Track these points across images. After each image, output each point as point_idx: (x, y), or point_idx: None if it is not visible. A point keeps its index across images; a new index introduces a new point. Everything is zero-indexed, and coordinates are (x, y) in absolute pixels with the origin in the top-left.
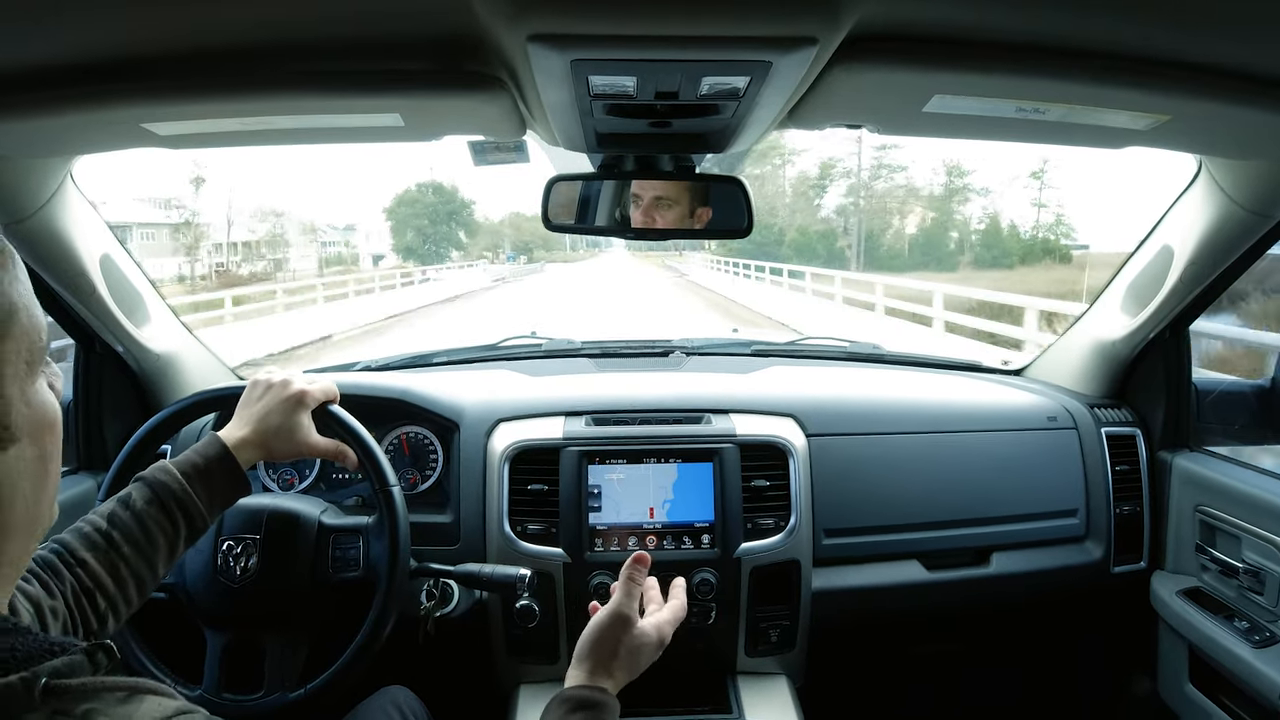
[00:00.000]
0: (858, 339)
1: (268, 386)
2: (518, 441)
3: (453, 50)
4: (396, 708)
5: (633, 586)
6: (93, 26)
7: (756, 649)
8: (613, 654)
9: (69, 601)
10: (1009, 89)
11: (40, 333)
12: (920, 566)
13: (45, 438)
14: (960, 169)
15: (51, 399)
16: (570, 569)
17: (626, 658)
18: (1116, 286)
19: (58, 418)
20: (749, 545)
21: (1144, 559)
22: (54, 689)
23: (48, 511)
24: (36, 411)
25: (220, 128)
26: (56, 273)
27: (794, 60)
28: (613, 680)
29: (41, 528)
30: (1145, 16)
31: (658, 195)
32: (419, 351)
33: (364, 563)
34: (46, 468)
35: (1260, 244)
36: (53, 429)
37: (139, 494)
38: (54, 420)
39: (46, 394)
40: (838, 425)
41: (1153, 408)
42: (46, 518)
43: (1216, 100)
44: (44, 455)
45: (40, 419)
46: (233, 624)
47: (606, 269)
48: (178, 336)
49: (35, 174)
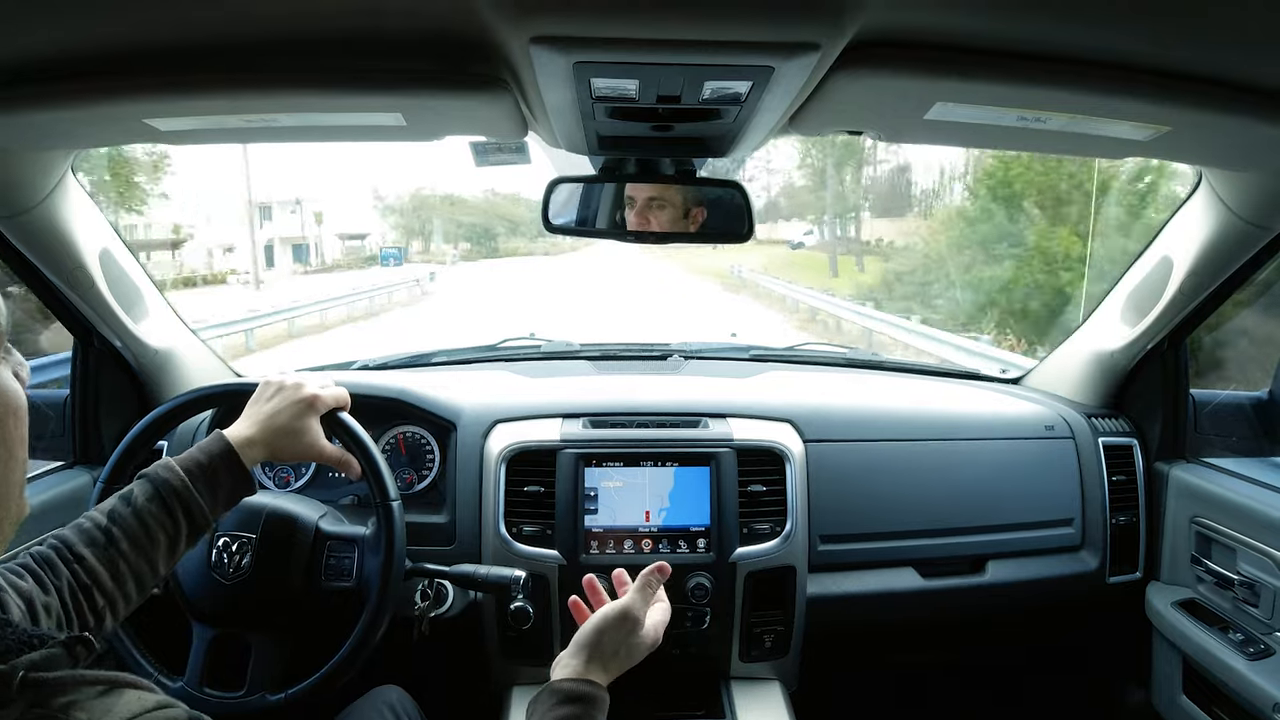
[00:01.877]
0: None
1: (280, 388)
2: (515, 443)
3: (456, 51)
4: (389, 708)
5: (649, 593)
6: (95, 20)
7: (750, 654)
8: (614, 651)
9: (65, 597)
10: (1010, 98)
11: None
12: (915, 574)
13: (8, 423)
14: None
15: (14, 385)
16: (565, 571)
17: (625, 657)
18: (1115, 297)
19: (21, 404)
20: (744, 550)
21: (1139, 569)
22: (31, 682)
23: (15, 502)
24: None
25: (222, 124)
26: (55, 266)
27: (796, 66)
28: (605, 674)
29: (10, 516)
30: (1147, 28)
31: (651, 196)
32: (417, 351)
33: (357, 574)
34: (11, 453)
35: (1260, 256)
36: (16, 414)
37: (141, 491)
38: (17, 405)
39: (9, 379)
40: (835, 431)
41: (1150, 418)
42: (15, 508)
43: (1217, 112)
44: (7, 439)
45: (3, 404)
46: (220, 620)
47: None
48: (176, 332)
49: (36, 167)
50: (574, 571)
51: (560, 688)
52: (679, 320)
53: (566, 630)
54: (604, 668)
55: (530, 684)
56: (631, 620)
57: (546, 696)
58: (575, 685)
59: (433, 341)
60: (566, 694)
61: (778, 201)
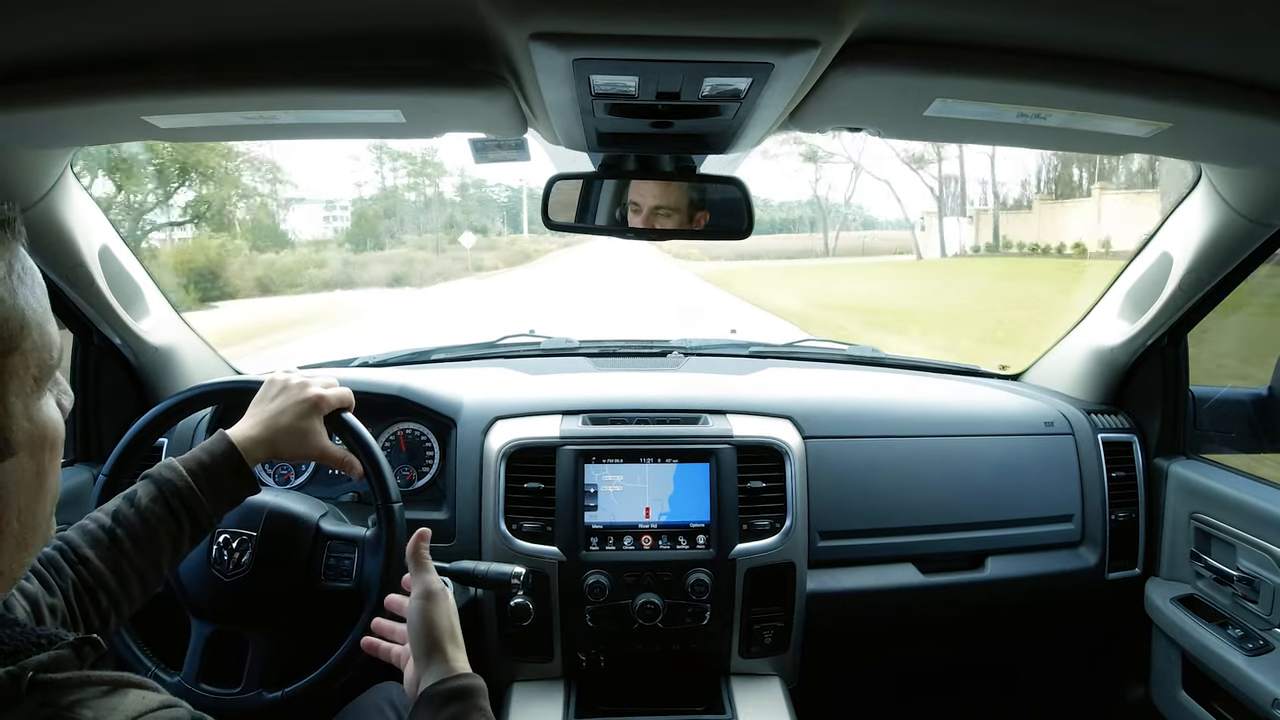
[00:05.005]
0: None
1: (284, 387)
2: (515, 439)
3: (455, 48)
4: (390, 704)
5: (425, 560)
6: (95, 18)
7: (750, 650)
8: (450, 628)
9: (70, 598)
10: (1010, 94)
11: (51, 350)
12: (915, 570)
13: (44, 454)
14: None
15: (56, 417)
16: (565, 568)
17: (458, 628)
18: (1115, 293)
19: (59, 436)
20: (744, 546)
21: (1139, 565)
22: (41, 683)
23: (44, 526)
24: (39, 428)
25: (221, 121)
26: (55, 264)
27: (796, 62)
28: (462, 656)
29: (36, 543)
30: (1147, 24)
31: (656, 205)
32: (417, 348)
33: (356, 575)
34: (44, 483)
35: (1260, 252)
36: (54, 447)
37: (144, 492)
38: (55, 438)
39: (52, 411)
40: (835, 428)
41: (1150, 414)
42: (42, 533)
43: (1218, 108)
44: (41, 471)
45: (41, 436)
46: (219, 616)
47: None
48: (176, 330)
49: (35, 165)
50: (574, 568)
51: (437, 691)
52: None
53: (566, 626)
54: (457, 649)
55: (530, 680)
56: (434, 593)
57: (424, 705)
58: (449, 684)
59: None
60: (445, 694)
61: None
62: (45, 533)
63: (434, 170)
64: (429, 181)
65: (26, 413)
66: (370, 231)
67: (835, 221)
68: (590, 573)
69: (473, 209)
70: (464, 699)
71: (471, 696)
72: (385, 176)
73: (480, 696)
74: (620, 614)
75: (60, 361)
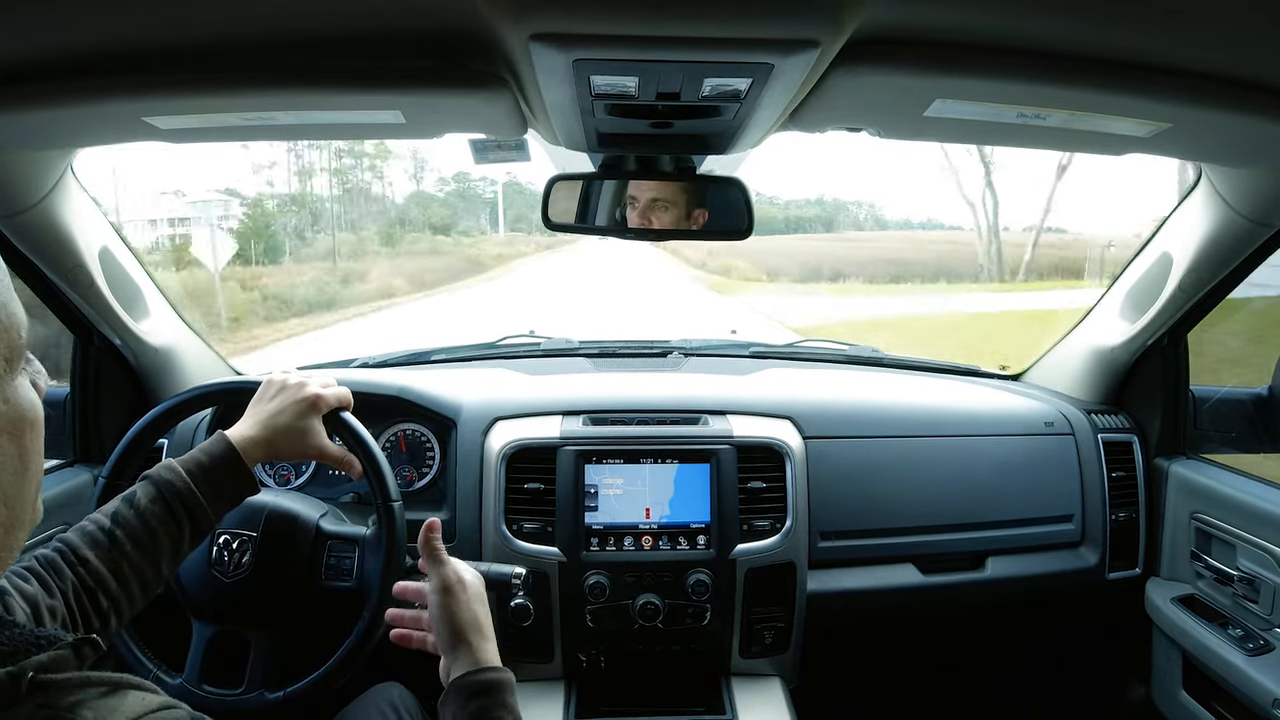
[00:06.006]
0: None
1: (282, 387)
2: (515, 440)
3: (455, 48)
4: (390, 705)
5: (439, 552)
6: (95, 19)
7: (750, 650)
8: (473, 622)
9: (70, 600)
10: (1010, 94)
11: (19, 329)
12: (915, 570)
13: (25, 435)
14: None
15: (33, 397)
16: (566, 568)
17: (483, 614)
18: (1115, 292)
19: (39, 417)
20: (744, 547)
21: (1139, 565)
22: (41, 683)
23: (30, 510)
24: (15, 409)
25: (221, 122)
26: (55, 265)
27: (795, 63)
28: (490, 645)
29: (23, 526)
30: (1147, 24)
31: (654, 198)
32: (417, 349)
33: (357, 575)
34: (27, 465)
35: (1259, 252)
36: (34, 427)
37: (144, 493)
38: (35, 419)
39: (28, 391)
40: (835, 428)
41: (1150, 414)
42: (29, 517)
43: (1217, 108)
44: (24, 453)
45: (20, 417)
46: (220, 617)
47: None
48: (176, 331)
49: (36, 166)
50: (575, 568)
51: (464, 683)
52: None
53: (567, 627)
54: (484, 639)
55: (530, 680)
56: (452, 584)
57: (453, 696)
58: (477, 676)
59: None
60: (471, 688)
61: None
62: (33, 518)
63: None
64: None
65: (2, 394)
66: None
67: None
68: (590, 573)
69: (428, 203)
70: (490, 694)
71: (497, 691)
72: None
73: (506, 691)
74: (620, 614)
75: (28, 339)
